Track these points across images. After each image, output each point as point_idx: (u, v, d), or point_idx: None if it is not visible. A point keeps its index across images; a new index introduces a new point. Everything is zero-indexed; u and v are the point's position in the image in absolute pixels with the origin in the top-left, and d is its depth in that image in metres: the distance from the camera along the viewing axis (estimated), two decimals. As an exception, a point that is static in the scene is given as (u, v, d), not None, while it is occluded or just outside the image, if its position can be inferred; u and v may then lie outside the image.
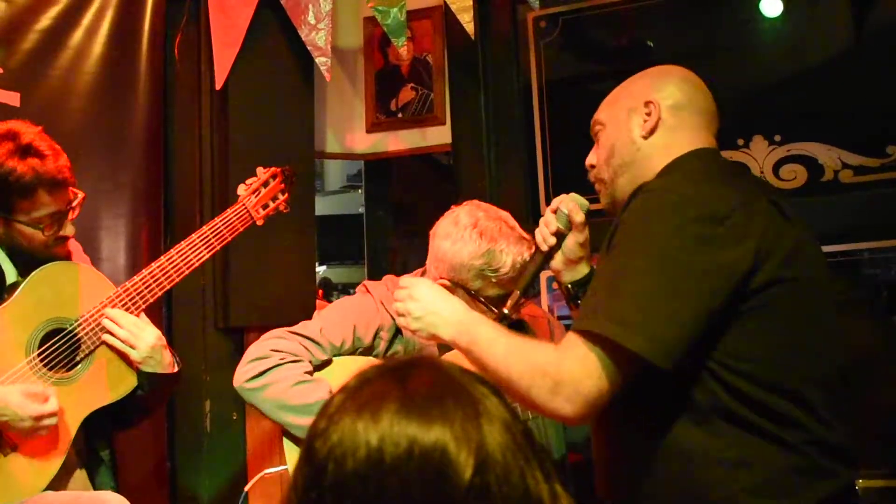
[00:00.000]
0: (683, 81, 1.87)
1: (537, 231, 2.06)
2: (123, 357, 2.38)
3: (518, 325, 2.25)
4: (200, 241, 2.49)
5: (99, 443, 2.46)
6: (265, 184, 2.63)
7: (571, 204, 2.01)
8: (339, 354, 2.49)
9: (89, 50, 3.32)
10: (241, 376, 2.43)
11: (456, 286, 2.42)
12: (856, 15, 3.36)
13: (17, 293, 2.29)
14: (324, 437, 0.97)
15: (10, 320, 2.27)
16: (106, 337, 2.36)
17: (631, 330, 1.54)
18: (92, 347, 2.35)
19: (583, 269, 2.05)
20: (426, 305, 1.89)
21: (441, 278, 2.44)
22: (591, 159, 1.95)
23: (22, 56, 3.21)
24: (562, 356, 1.60)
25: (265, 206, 2.62)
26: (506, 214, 2.48)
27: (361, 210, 4.66)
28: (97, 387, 2.36)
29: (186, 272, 2.47)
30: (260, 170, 2.65)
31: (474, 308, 2.19)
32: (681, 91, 1.85)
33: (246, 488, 2.80)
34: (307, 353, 2.43)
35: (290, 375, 2.38)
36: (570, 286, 2.06)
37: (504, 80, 3.68)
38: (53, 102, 3.24)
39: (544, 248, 2.03)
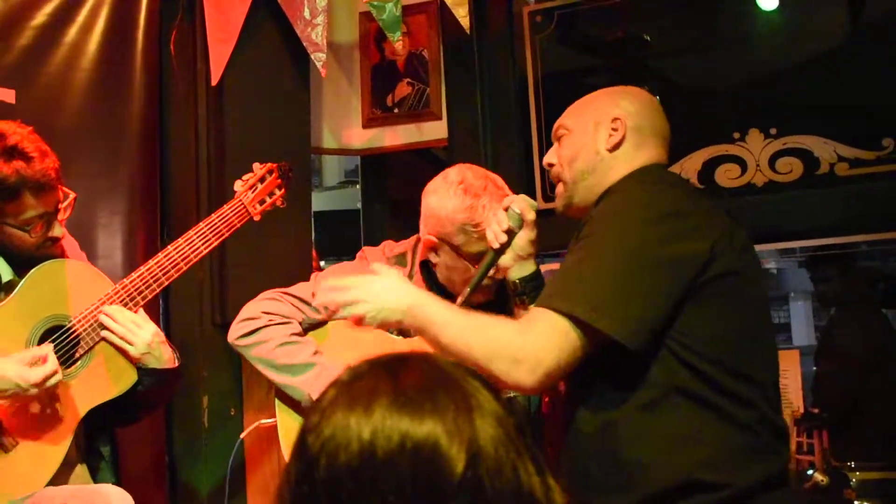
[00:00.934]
0: (647, 105, 2.05)
1: (488, 230, 2.16)
2: (123, 353, 2.39)
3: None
4: (198, 237, 2.49)
5: (100, 439, 2.47)
6: (262, 179, 2.63)
7: (523, 203, 2.12)
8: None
9: (84, 46, 3.32)
10: (233, 333, 2.56)
11: (441, 242, 2.49)
12: (852, 8, 3.36)
13: (16, 291, 2.30)
14: (316, 432, 0.98)
15: (9, 318, 2.28)
16: (104, 333, 2.36)
17: (600, 312, 1.71)
18: (91, 344, 2.36)
19: (531, 266, 2.17)
20: (370, 293, 1.94)
21: (428, 234, 2.51)
22: (550, 158, 2.10)
23: (17, 53, 3.20)
24: (525, 329, 1.77)
25: (262, 202, 2.62)
26: (495, 176, 2.53)
27: (359, 206, 4.66)
28: (97, 383, 2.37)
29: (184, 268, 2.48)
30: (256, 165, 2.65)
31: (456, 263, 2.45)
32: (645, 113, 2.02)
33: (241, 436, 2.89)
34: (299, 313, 2.55)
35: (277, 336, 2.49)
36: (517, 282, 2.16)
37: (500, 75, 3.68)
38: (49, 99, 3.23)
39: (496, 245, 2.12)
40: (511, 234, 2.11)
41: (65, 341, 2.33)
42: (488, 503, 0.95)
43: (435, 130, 3.71)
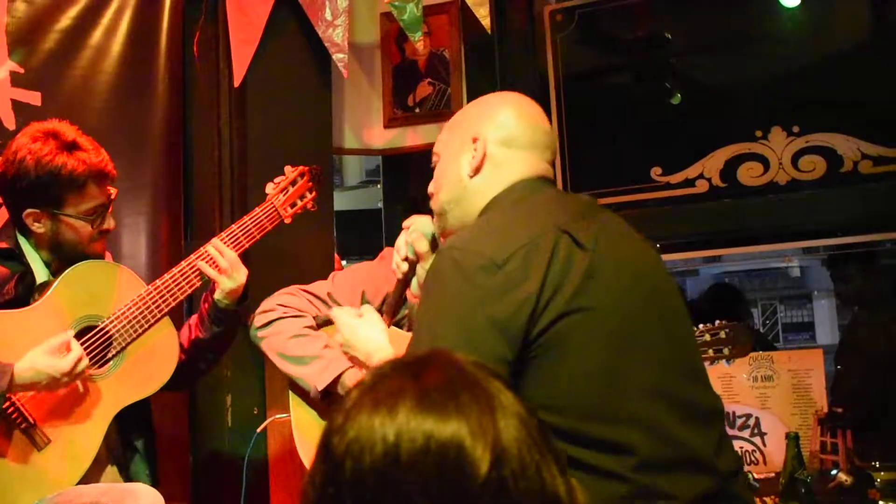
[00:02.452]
0: (513, 115, 1.83)
1: (393, 264, 2.15)
2: (154, 354, 2.44)
3: None
4: (230, 238, 2.55)
5: (133, 433, 2.50)
6: (293, 182, 2.68)
7: (415, 235, 2.06)
8: None
9: (109, 49, 3.34)
10: (252, 325, 2.65)
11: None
12: (875, 4, 3.34)
13: (50, 290, 2.34)
14: (341, 434, 0.98)
15: (44, 317, 2.32)
16: (201, 265, 2.48)
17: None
18: (123, 344, 2.40)
19: None
20: (346, 336, 2.13)
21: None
22: (430, 188, 1.94)
23: (42, 55, 3.24)
24: None
25: (293, 205, 2.68)
26: None
27: (380, 205, 4.66)
28: (128, 383, 2.41)
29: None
30: (288, 168, 2.70)
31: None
32: (509, 125, 1.82)
33: (259, 430, 2.92)
34: (313, 309, 2.61)
35: (290, 329, 2.57)
36: None
37: (521, 75, 3.68)
38: (74, 101, 3.26)
39: (399, 275, 2.12)
40: (412, 263, 2.08)
41: (98, 341, 2.36)
42: (513, 504, 0.95)
43: (456, 130, 3.72)
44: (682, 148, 3.45)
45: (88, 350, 2.33)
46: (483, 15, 3.25)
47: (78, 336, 2.34)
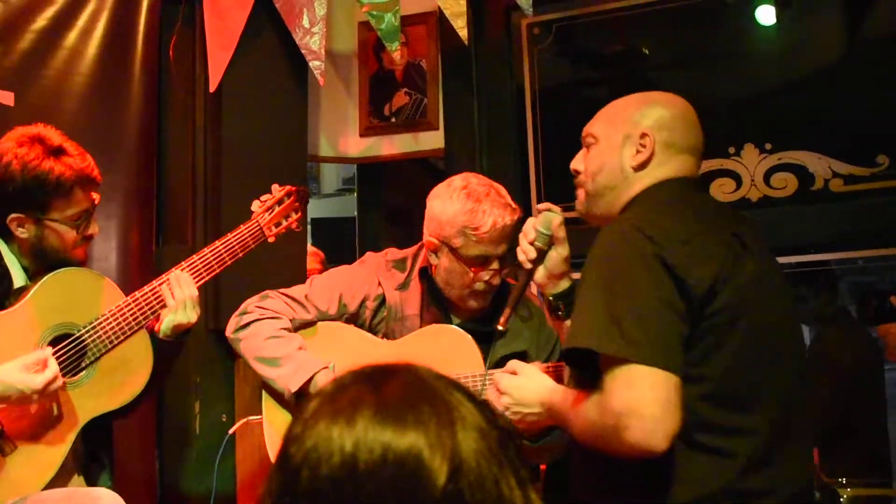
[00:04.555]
0: (682, 119, 1.95)
1: (518, 249, 2.13)
2: (127, 366, 2.42)
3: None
4: (213, 256, 2.53)
5: (98, 448, 2.48)
6: (279, 202, 2.67)
7: (556, 219, 2.09)
8: (327, 318, 2.67)
9: (84, 51, 3.33)
10: (229, 327, 2.68)
11: (441, 244, 2.56)
12: (848, 25, 3.37)
13: (28, 296, 2.31)
14: (298, 443, 0.98)
15: (20, 323, 2.30)
16: (164, 291, 2.43)
17: (636, 346, 1.64)
18: (98, 354, 2.38)
19: (565, 283, 2.13)
20: (516, 397, 2.03)
21: (430, 236, 2.58)
22: (577, 164, 2.02)
23: (17, 56, 3.22)
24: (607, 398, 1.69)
25: (277, 224, 2.66)
26: (499, 186, 2.59)
27: (356, 213, 4.67)
28: (100, 393, 2.39)
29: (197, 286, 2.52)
30: (275, 187, 2.69)
31: (454, 266, 2.51)
32: (677, 127, 1.93)
33: (230, 431, 2.92)
34: (290, 311, 2.64)
35: (265, 331, 2.60)
36: (551, 298, 2.14)
37: (497, 86, 3.69)
38: (47, 103, 3.24)
39: (528, 265, 2.10)
40: (540, 251, 2.08)
41: (72, 350, 2.35)
42: (470, 516, 0.95)
43: (432, 140, 3.73)
44: (656, 163, 3.47)
45: (62, 358, 2.32)
46: (461, 26, 3.26)
47: (53, 343, 2.32)
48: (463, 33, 3.26)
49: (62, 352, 2.32)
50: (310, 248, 4.16)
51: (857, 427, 3.57)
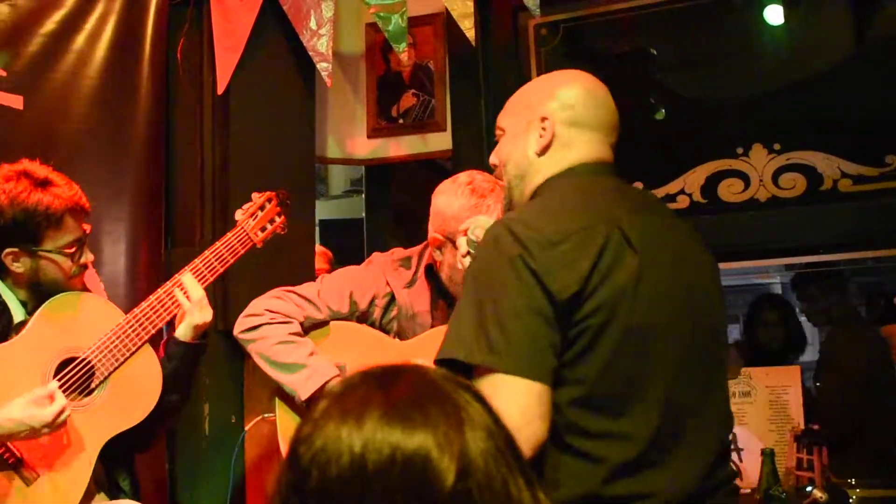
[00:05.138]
0: (585, 93, 1.88)
1: (456, 259, 2.20)
2: (138, 382, 2.44)
3: None
4: (204, 266, 2.59)
5: (118, 472, 2.50)
6: (261, 207, 2.75)
7: (479, 230, 2.09)
8: (338, 317, 2.70)
9: (92, 54, 3.34)
10: (237, 326, 2.69)
11: (446, 240, 2.58)
12: (857, 25, 3.36)
13: (30, 324, 2.35)
14: (307, 443, 0.98)
15: (25, 350, 2.32)
16: (178, 294, 2.50)
17: (499, 355, 1.61)
18: (106, 374, 2.40)
19: None
20: None
21: (434, 232, 2.61)
22: (493, 159, 2.00)
23: (26, 59, 3.24)
24: None
25: (263, 229, 2.73)
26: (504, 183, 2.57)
27: (363, 215, 4.67)
28: (114, 412, 2.41)
29: None
30: (255, 195, 2.76)
31: (457, 263, 2.43)
32: (578, 106, 1.86)
33: (246, 428, 2.99)
34: (300, 311, 2.65)
35: (276, 335, 2.61)
36: None
37: (505, 87, 3.65)
38: (56, 106, 3.26)
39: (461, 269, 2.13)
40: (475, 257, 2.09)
41: (79, 372, 2.37)
42: (478, 516, 0.95)
43: (439, 141, 3.72)
44: (664, 163, 3.47)
45: (71, 381, 2.35)
46: (468, 27, 3.26)
47: (59, 368, 2.35)
48: (470, 34, 3.26)
49: (70, 375, 2.35)
50: (318, 248, 4.17)
51: (868, 428, 3.55)
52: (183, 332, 2.52)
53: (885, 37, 3.28)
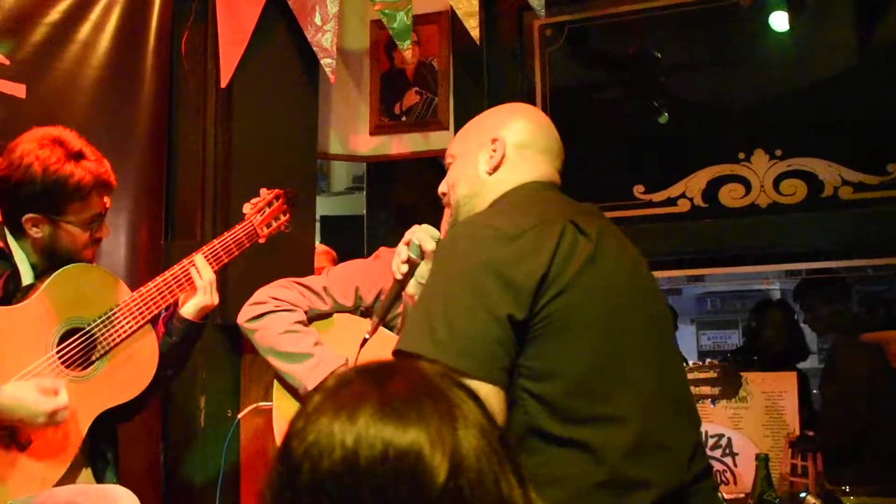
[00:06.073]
0: (531, 121, 1.98)
1: (392, 262, 2.18)
2: (136, 359, 2.45)
3: None
4: (211, 254, 2.59)
5: (105, 443, 2.50)
6: (269, 204, 2.75)
7: (422, 234, 2.13)
8: (343, 310, 2.71)
9: (96, 44, 3.34)
10: (241, 316, 2.69)
11: None
12: (860, 33, 3.37)
13: (39, 291, 2.34)
14: (300, 437, 0.98)
15: (32, 317, 2.32)
16: (193, 273, 2.52)
17: (442, 347, 1.62)
18: (108, 348, 2.40)
19: None
20: None
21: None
22: (441, 188, 2.06)
23: (29, 48, 3.23)
24: None
25: (268, 226, 2.73)
26: None
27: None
28: (110, 386, 2.41)
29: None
30: (264, 190, 2.76)
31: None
32: (527, 130, 1.95)
33: (240, 415, 2.97)
34: (305, 301, 2.66)
35: (280, 324, 2.62)
36: None
37: (508, 87, 3.69)
38: (59, 95, 3.26)
39: (398, 276, 2.15)
40: (412, 265, 2.14)
41: (82, 343, 2.37)
42: (469, 513, 0.95)
43: (442, 140, 3.72)
44: (666, 167, 3.47)
45: (72, 352, 2.35)
46: (473, 26, 3.26)
47: (63, 338, 2.35)
48: (475, 33, 3.26)
49: (73, 345, 2.35)
50: (323, 247, 4.17)
51: (871, 435, 3.56)
52: (190, 310, 2.53)
53: (889, 46, 3.28)
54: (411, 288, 2.17)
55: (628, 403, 1.70)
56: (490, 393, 1.62)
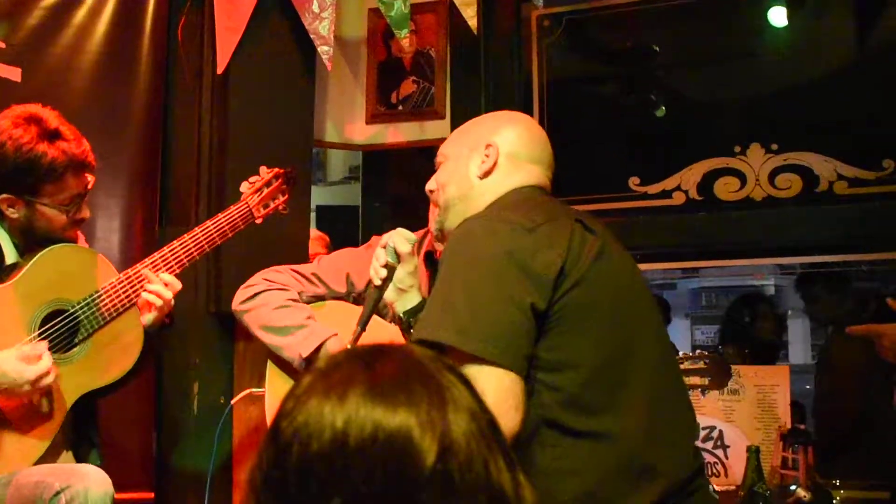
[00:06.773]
0: (525, 131, 2.01)
1: (370, 267, 2.18)
2: (119, 342, 2.43)
3: None
4: (203, 234, 2.55)
5: (87, 426, 2.49)
6: (268, 183, 2.72)
7: (397, 238, 2.14)
8: (335, 296, 2.75)
9: (93, 29, 3.33)
10: (236, 299, 2.75)
11: None
12: (858, 28, 3.36)
13: (23, 272, 2.32)
14: (290, 418, 0.98)
15: (15, 298, 2.31)
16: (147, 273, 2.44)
17: (466, 335, 1.64)
18: (90, 331, 2.39)
19: (414, 298, 2.15)
20: None
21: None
22: (430, 185, 2.07)
23: (25, 32, 3.22)
24: None
25: (265, 206, 2.70)
26: None
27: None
28: (92, 369, 2.40)
29: (187, 264, 2.55)
30: (263, 169, 2.71)
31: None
32: (521, 141, 1.98)
33: (232, 402, 2.99)
34: (298, 285, 2.71)
35: (273, 300, 2.68)
36: (402, 315, 2.16)
37: (505, 78, 3.68)
38: (54, 79, 3.25)
39: (377, 282, 2.15)
40: (391, 269, 2.13)
41: (64, 326, 2.36)
42: (457, 496, 0.95)
43: (438, 129, 3.71)
44: (661, 159, 3.47)
45: (55, 334, 2.33)
46: (470, 16, 3.25)
47: (46, 319, 2.33)
48: (472, 23, 3.26)
49: (55, 328, 2.33)
50: (316, 232, 4.17)
51: (866, 429, 3.57)
52: (148, 322, 2.48)
53: (887, 41, 3.28)
54: (391, 295, 2.17)
55: (641, 393, 1.73)
56: (514, 381, 1.64)
